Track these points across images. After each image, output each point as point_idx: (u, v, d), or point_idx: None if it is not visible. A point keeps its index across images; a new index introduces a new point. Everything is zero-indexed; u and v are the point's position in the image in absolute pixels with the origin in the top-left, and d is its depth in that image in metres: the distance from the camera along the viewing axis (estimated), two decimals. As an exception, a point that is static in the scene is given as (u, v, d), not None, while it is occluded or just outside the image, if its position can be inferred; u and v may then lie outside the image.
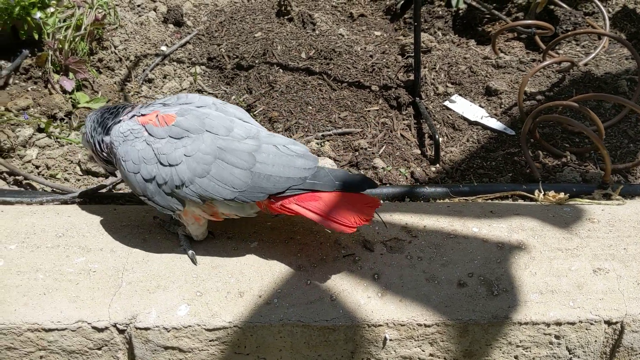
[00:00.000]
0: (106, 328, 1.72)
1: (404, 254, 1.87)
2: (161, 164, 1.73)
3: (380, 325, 1.73)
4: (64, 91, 2.87)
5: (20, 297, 1.75)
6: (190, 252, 1.86)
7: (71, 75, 2.93)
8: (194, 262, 1.84)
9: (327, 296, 1.76)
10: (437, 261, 1.85)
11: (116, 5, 3.51)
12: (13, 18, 3.05)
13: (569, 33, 2.93)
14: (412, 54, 3.03)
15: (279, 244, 1.91)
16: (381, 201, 2.09)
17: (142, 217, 2.04)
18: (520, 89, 2.60)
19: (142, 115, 1.80)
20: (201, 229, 1.87)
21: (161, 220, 1.99)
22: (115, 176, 2.33)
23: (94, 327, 1.72)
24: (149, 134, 1.76)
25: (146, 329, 1.71)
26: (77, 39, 2.98)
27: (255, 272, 1.82)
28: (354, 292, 1.77)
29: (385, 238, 1.92)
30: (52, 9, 3.19)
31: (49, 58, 2.90)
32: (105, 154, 1.90)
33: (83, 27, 3.00)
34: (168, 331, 1.72)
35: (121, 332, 1.73)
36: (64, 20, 3.11)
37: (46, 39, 2.97)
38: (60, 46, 2.94)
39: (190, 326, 1.71)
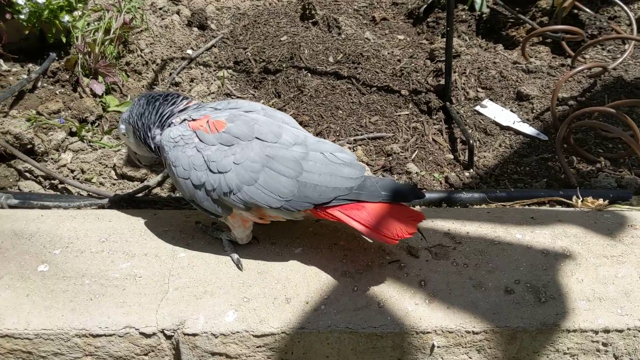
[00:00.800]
0: (154, 334, 1.72)
1: (450, 261, 1.87)
2: (211, 171, 1.73)
3: (428, 333, 1.72)
4: (94, 95, 2.87)
5: (67, 302, 1.75)
6: (235, 256, 1.86)
7: (100, 78, 2.94)
8: (239, 267, 1.84)
9: (374, 303, 1.75)
10: (483, 268, 1.85)
11: (138, 8, 3.51)
12: (42, 21, 3.06)
13: (600, 39, 2.92)
14: (442, 59, 3.03)
15: (323, 250, 1.90)
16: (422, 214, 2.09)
17: (183, 221, 2.04)
18: (553, 95, 2.60)
19: (193, 120, 1.80)
20: (246, 232, 1.87)
21: (204, 225, 1.99)
22: (147, 167, 2.30)
23: (141, 333, 1.72)
24: (200, 140, 1.76)
25: (194, 335, 1.71)
26: (106, 43, 2.98)
27: (302, 278, 1.82)
28: (401, 299, 1.76)
29: (429, 244, 1.91)
30: (78, 12, 3.19)
31: (79, 61, 2.90)
32: (151, 144, 1.89)
33: (112, 31, 3.00)
34: (216, 337, 1.71)
35: (168, 338, 1.73)
36: (89, 24, 3.12)
37: (75, 42, 2.97)
38: (89, 49, 2.94)
39: (238, 332, 1.71)
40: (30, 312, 1.73)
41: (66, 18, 3.10)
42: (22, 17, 2.98)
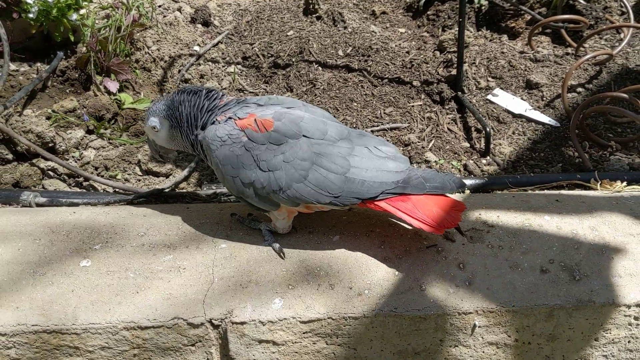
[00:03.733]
0: (202, 324, 1.74)
1: (485, 244, 1.92)
2: (260, 169, 1.75)
3: (470, 313, 1.77)
4: (109, 92, 2.87)
5: (113, 296, 1.76)
6: (277, 245, 1.89)
7: (113, 76, 2.93)
8: (281, 256, 1.87)
9: (416, 286, 1.80)
10: (517, 249, 1.90)
11: (147, 6, 3.51)
12: (50, 20, 3.04)
13: (603, 27, 3.01)
14: (452, 50, 3.09)
15: (360, 237, 1.94)
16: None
17: (217, 214, 2.06)
18: (564, 82, 2.67)
19: (239, 118, 1.81)
20: (288, 223, 1.91)
21: (240, 216, 2.01)
22: (165, 161, 2.29)
23: (189, 324, 1.73)
24: (249, 139, 1.76)
25: (242, 323, 1.73)
26: (117, 40, 2.97)
27: (343, 264, 1.85)
28: (441, 282, 1.81)
29: (464, 229, 1.96)
30: (83, 11, 3.18)
31: (91, 59, 2.90)
32: (192, 139, 1.88)
33: (123, 28, 3.00)
34: (264, 325, 1.74)
35: (216, 327, 1.75)
36: (97, 22, 3.11)
37: (87, 40, 2.96)
38: (100, 47, 2.93)
39: (285, 319, 1.74)
40: (77, 307, 1.73)
41: (74, 16, 3.09)
42: (30, 15, 2.96)
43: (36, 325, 1.71)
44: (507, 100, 2.82)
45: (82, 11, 3.16)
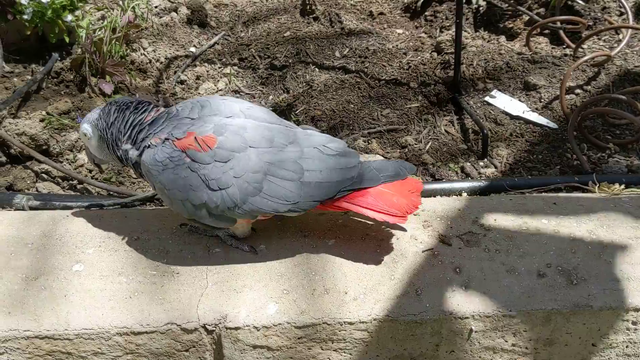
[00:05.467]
0: (195, 329, 1.72)
1: (481, 247, 1.90)
2: (211, 189, 1.68)
3: (466, 318, 1.75)
4: (103, 94, 2.86)
5: (106, 301, 1.75)
6: (245, 246, 1.87)
7: (108, 78, 2.91)
8: (255, 252, 1.86)
9: (412, 291, 1.78)
10: (514, 253, 1.89)
11: (143, 7, 3.49)
12: (44, 21, 3.02)
13: (602, 28, 3.00)
14: (449, 51, 3.07)
15: (356, 241, 1.92)
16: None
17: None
18: (562, 84, 2.65)
19: (178, 139, 1.71)
20: (248, 227, 1.88)
21: (192, 226, 1.94)
22: (102, 169, 2.23)
23: (183, 329, 1.72)
24: (192, 160, 1.68)
25: (236, 328, 1.72)
26: (113, 41, 2.95)
27: (338, 269, 1.84)
28: (438, 286, 1.79)
29: (460, 232, 1.95)
30: (78, 12, 3.16)
31: (86, 61, 2.88)
32: (120, 154, 1.83)
33: (118, 29, 2.98)
34: (258, 330, 1.72)
35: (210, 332, 1.73)
36: (92, 23, 3.09)
37: (82, 42, 2.95)
38: (95, 49, 2.91)
39: (280, 324, 1.72)
40: (69, 312, 1.72)
41: (69, 18, 3.07)
42: (25, 17, 2.94)
43: (28, 331, 1.69)
44: (505, 101, 2.80)
45: (77, 12, 3.14)
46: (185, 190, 1.69)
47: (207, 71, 3.22)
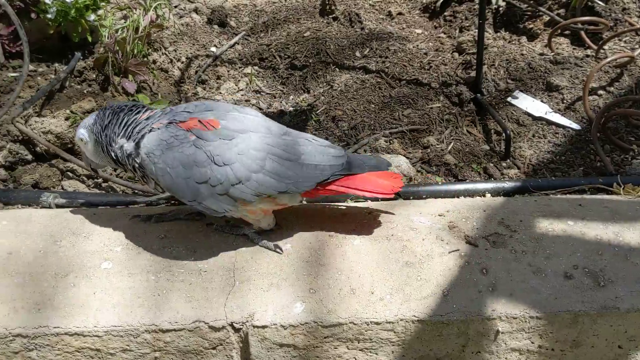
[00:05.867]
0: (223, 327, 1.73)
1: (508, 249, 1.90)
2: (216, 164, 1.73)
3: (493, 319, 1.75)
4: (126, 93, 2.88)
5: (135, 298, 1.76)
6: (270, 244, 1.90)
7: (131, 77, 2.93)
8: (279, 251, 1.89)
9: (439, 291, 1.78)
10: (541, 255, 1.88)
11: (164, 7, 3.51)
12: (68, 20, 3.05)
13: (625, 30, 2.97)
14: (471, 51, 3.07)
15: (381, 241, 1.93)
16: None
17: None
18: (585, 85, 2.64)
19: (182, 122, 1.77)
20: (271, 218, 1.92)
21: (218, 225, 1.97)
22: (98, 173, 2.22)
23: (210, 327, 1.73)
24: (198, 137, 1.74)
25: (263, 327, 1.73)
26: (135, 41, 2.97)
27: (364, 268, 1.84)
28: (465, 287, 1.79)
29: (486, 233, 1.95)
30: (101, 11, 3.19)
31: (109, 60, 2.90)
32: (114, 154, 1.85)
33: (140, 29, 3.00)
34: (285, 329, 1.73)
35: (237, 330, 1.74)
36: (115, 23, 3.11)
37: (105, 41, 2.97)
38: (118, 48, 2.93)
39: (306, 323, 1.73)
40: (98, 310, 1.73)
41: (92, 17, 3.09)
42: (49, 16, 2.97)
43: (58, 327, 1.71)
44: (527, 102, 2.79)
45: (100, 12, 3.16)
46: (189, 167, 1.73)
47: (228, 71, 3.23)
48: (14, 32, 3.10)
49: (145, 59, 3.07)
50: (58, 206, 2.19)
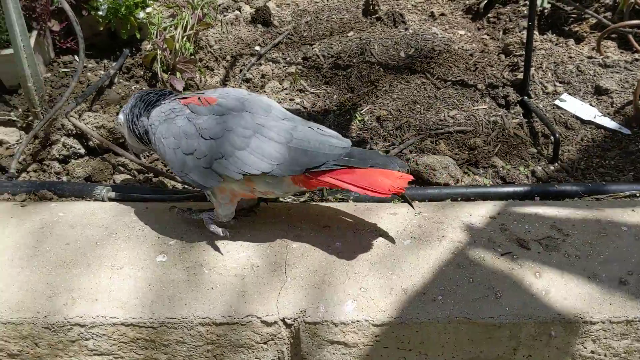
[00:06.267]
0: (275, 322, 1.75)
1: (561, 252, 1.88)
2: (202, 137, 1.78)
3: (546, 323, 1.74)
4: (174, 90, 2.91)
5: (189, 291, 1.79)
6: (219, 230, 1.91)
7: (178, 74, 2.98)
8: (227, 237, 1.91)
9: (491, 293, 1.77)
10: (595, 259, 1.86)
11: (211, 7, 3.56)
12: (117, 17, 3.11)
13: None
14: (518, 53, 3.04)
15: (432, 242, 1.92)
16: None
17: (286, 213, 2.07)
18: (636, 89, 2.60)
19: (184, 98, 1.88)
20: (231, 209, 1.91)
21: (179, 209, 2.02)
22: (139, 158, 2.37)
23: (263, 322, 1.75)
24: (191, 111, 1.83)
25: (315, 323, 1.74)
26: (183, 39, 3.02)
27: (415, 269, 1.84)
28: (517, 290, 1.78)
29: (538, 237, 1.93)
30: (149, 9, 3.24)
31: (158, 57, 2.95)
32: (138, 132, 1.97)
33: (188, 27, 3.04)
34: (336, 326, 1.74)
35: (288, 326, 1.76)
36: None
37: (154, 39, 3.02)
38: (167, 46, 2.98)
39: (358, 321, 1.74)
40: (154, 301, 1.77)
41: (141, 14, 3.15)
42: (100, 13, 3.04)
43: (115, 318, 1.75)
44: (575, 105, 2.76)
45: (149, 9, 3.22)
46: (179, 138, 1.81)
47: (272, 70, 3.26)
48: (66, 29, 3.18)
49: (193, 57, 3.11)
50: (110, 199, 2.24)
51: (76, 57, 3.22)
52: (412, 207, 1.95)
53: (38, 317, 1.74)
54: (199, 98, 1.85)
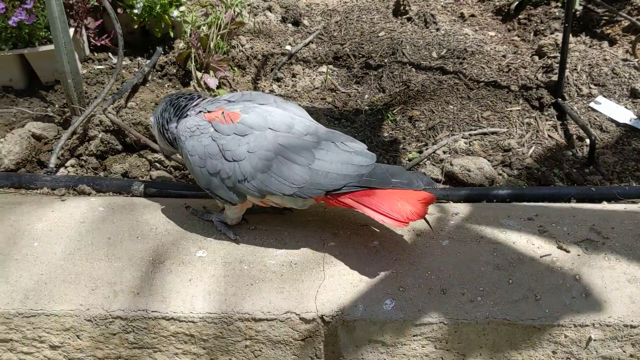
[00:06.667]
0: (313, 319, 1.76)
1: (601, 255, 1.87)
2: (226, 159, 1.79)
3: (586, 326, 1.73)
4: (208, 88, 2.94)
5: (228, 287, 1.81)
6: (231, 233, 1.94)
7: (212, 73, 3.00)
8: (237, 241, 1.93)
9: (531, 295, 1.77)
10: (635, 263, 1.84)
11: (247, 4, 3.58)
12: (152, 16, 3.14)
13: None
14: (552, 55, 3.03)
15: (470, 243, 1.92)
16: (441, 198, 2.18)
17: (323, 212, 2.08)
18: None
19: (208, 112, 1.87)
20: (239, 214, 1.95)
21: (194, 209, 2.05)
22: (170, 159, 2.38)
23: (301, 319, 1.76)
24: (215, 130, 1.82)
25: (353, 321, 1.75)
26: (217, 38, 3.04)
27: (454, 269, 1.84)
28: (557, 292, 1.77)
29: (577, 239, 1.92)
30: (183, 7, 3.28)
31: (192, 55, 2.98)
32: (168, 136, 1.99)
33: (222, 26, 3.06)
34: (375, 324, 1.75)
35: (326, 323, 1.77)
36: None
37: (187, 37, 3.05)
38: (200, 44, 3.00)
39: (396, 320, 1.74)
40: (195, 296, 1.79)
41: (175, 13, 3.18)
42: (135, 11, 3.07)
43: (156, 312, 1.77)
44: (610, 108, 2.73)
45: (182, 8, 3.25)
46: (204, 157, 1.82)
47: (303, 69, 3.27)
48: (100, 27, 3.22)
49: (226, 55, 3.13)
50: (148, 195, 2.26)
51: (110, 55, 3.27)
52: (431, 228, 1.92)
53: (81, 309, 1.77)
54: (222, 113, 1.84)
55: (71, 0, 2.95)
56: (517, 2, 3.83)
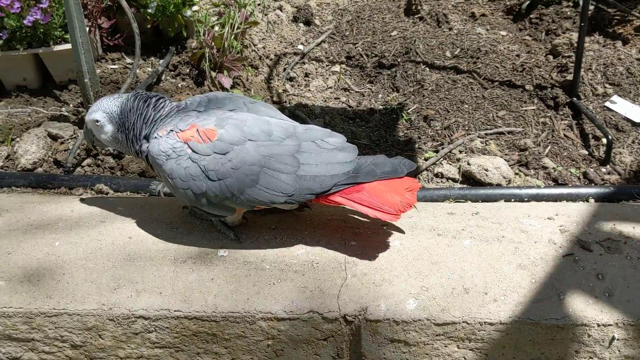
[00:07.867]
0: (336, 319, 1.76)
1: (623, 255, 1.86)
2: (210, 179, 1.77)
3: (609, 325, 1.72)
4: (222, 88, 2.94)
5: (251, 286, 1.81)
6: (231, 234, 1.94)
7: (225, 72, 3.00)
8: (238, 241, 1.92)
9: (554, 295, 1.76)
10: (658, 262, 1.84)
11: (259, 4, 3.58)
12: (165, 15, 3.14)
13: None
14: (567, 54, 3.02)
15: (492, 242, 1.92)
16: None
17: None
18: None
19: (181, 130, 1.80)
20: (239, 217, 1.94)
21: (191, 209, 2.02)
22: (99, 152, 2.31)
23: (324, 318, 1.76)
24: (193, 151, 1.77)
25: (376, 321, 1.75)
26: (231, 37, 3.04)
27: (476, 269, 1.84)
28: (580, 292, 1.77)
29: (599, 238, 1.92)
30: (196, 7, 3.28)
31: (206, 55, 2.98)
32: (137, 149, 1.90)
33: (236, 26, 3.06)
34: (397, 324, 1.74)
35: (349, 323, 1.77)
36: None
37: (201, 37, 3.05)
38: (214, 43, 3.00)
39: (419, 320, 1.74)
40: (217, 295, 1.79)
41: (188, 13, 3.18)
42: (149, 11, 3.07)
43: (178, 311, 1.77)
44: (626, 108, 2.73)
45: (195, 7, 3.25)
46: (187, 179, 1.78)
47: (316, 69, 3.27)
48: (113, 26, 3.22)
49: (240, 55, 3.13)
50: (166, 195, 2.26)
51: (123, 55, 3.27)
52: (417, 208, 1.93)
53: (103, 308, 1.77)
54: (197, 130, 1.78)
55: (85, 0, 2.95)
56: (528, 2, 3.83)
